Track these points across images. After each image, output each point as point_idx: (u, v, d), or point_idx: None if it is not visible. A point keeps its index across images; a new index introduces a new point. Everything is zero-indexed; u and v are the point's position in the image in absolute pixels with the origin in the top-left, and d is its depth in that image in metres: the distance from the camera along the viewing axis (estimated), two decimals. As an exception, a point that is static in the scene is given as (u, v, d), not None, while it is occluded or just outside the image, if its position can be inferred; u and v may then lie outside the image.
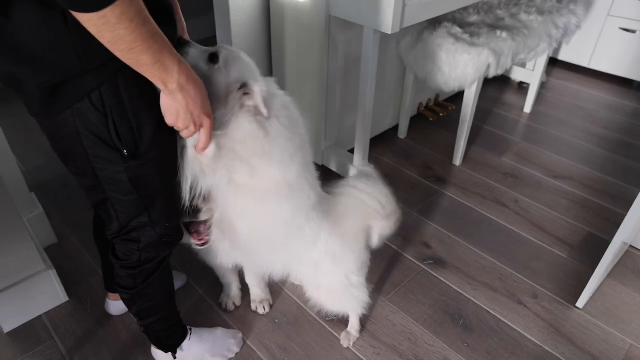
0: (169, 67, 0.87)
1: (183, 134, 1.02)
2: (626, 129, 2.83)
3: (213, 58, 1.11)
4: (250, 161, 1.14)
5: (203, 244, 1.33)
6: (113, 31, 0.76)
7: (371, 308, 1.71)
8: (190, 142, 1.10)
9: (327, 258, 1.39)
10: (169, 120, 0.98)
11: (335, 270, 1.41)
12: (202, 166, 1.13)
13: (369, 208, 1.37)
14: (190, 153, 1.11)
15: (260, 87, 1.10)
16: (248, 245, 1.29)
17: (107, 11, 0.73)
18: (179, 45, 1.10)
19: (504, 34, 2.25)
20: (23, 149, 2.47)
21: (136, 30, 0.77)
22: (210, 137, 1.04)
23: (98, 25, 0.75)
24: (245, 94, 1.11)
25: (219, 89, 1.10)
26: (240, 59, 1.15)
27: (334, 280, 1.44)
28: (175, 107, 0.95)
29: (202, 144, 1.05)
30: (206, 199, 1.21)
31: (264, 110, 1.10)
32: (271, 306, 1.73)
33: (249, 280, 1.70)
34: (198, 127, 1.01)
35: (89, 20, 0.74)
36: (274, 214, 1.22)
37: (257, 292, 1.72)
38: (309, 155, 1.27)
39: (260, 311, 1.71)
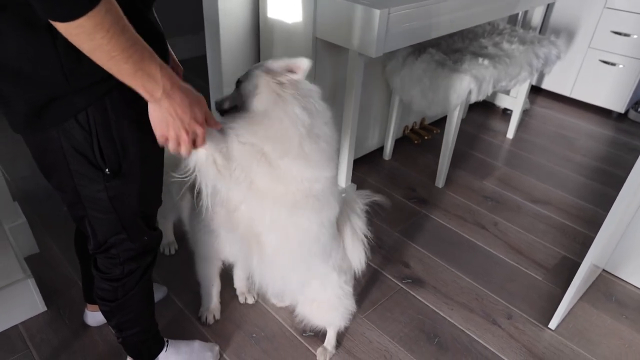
0: (151, 74, 0.86)
1: (178, 148, 0.99)
2: (604, 157, 2.90)
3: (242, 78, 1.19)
4: (277, 162, 1.11)
5: None
6: (91, 40, 0.76)
7: (348, 324, 1.72)
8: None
9: (334, 272, 1.41)
10: (160, 133, 0.96)
11: (336, 283, 1.43)
12: (218, 168, 1.10)
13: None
14: (201, 157, 1.08)
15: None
16: (274, 259, 1.27)
17: (82, 21, 0.73)
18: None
19: (486, 61, 2.32)
20: (11, 159, 2.49)
21: (113, 39, 0.77)
22: (204, 142, 1.03)
23: (75, 34, 0.75)
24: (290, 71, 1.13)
25: (260, 85, 1.14)
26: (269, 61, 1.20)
27: (331, 293, 1.45)
28: (163, 115, 0.93)
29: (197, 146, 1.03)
30: None
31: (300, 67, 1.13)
32: (258, 296, 1.80)
33: (236, 273, 1.74)
34: (191, 134, 0.98)
35: (65, 30, 0.75)
36: (302, 228, 1.21)
37: (245, 284, 1.77)
38: (336, 169, 1.26)
39: (250, 300, 1.78)
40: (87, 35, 0.75)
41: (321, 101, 1.16)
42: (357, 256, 1.44)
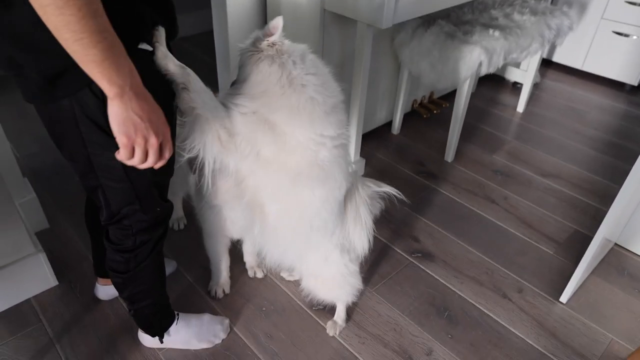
0: (120, 66, 0.80)
1: (144, 158, 0.91)
2: (616, 131, 2.85)
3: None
4: (275, 121, 1.13)
5: None
6: (59, 15, 0.71)
7: (358, 298, 1.72)
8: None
9: (336, 250, 1.41)
10: (123, 137, 0.86)
11: (339, 260, 1.43)
12: (223, 144, 1.12)
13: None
14: (209, 136, 1.11)
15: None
16: (275, 229, 1.30)
17: None
18: None
19: (497, 33, 2.28)
20: (19, 136, 2.48)
21: (83, 20, 0.72)
22: (172, 149, 0.96)
23: (44, 5, 0.71)
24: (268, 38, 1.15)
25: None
26: None
27: (335, 270, 1.46)
28: (129, 115, 0.85)
29: (164, 160, 0.96)
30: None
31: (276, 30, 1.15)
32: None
33: (245, 247, 1.76)
34: (160, 137, 0.91)
35: (35, 0, 0.71)
36: (304, 200, 1.22)
37: (254, 259, 1.80)
38: (345, 135, 1.24)
39: (259, 275, 1.80)
40: (56, 8, 0.70)
41: (306, 55, 1.19)
42: (359, 241, 1.43)
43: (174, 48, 1.11)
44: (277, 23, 1.15)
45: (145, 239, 1.22)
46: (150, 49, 0.98)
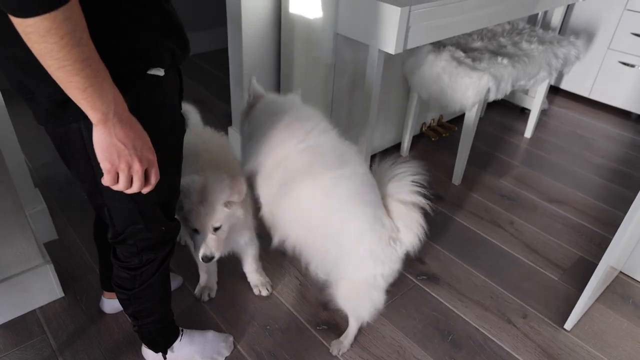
0: (103, 93, 0.81)
1: (128, 185, 0.92)
2: (622, 159, 2.87)
3: None
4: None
5: None
6: (42, 43, 0.72)
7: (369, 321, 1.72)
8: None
9: (370, 258, 1.39)
10: (107, 163, 0.88)
11: (372, 269, 1.41)
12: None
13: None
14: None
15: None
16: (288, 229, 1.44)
17: (36, 21, 0.69)
18: None
19: (505, 61, 2.31)
20: (32, 146, 2.52)
21: (65, 48, 0.73)
22: (158, 175, 0.97)
23: (28, 32, 0.71)
24: None
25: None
26: None
27: (363, 277, 1.43)
28: (113, 142, 0.86)
29: (151, 186, 0.98)
30: None
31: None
32: (272, 287, 1.84)
33: (245, 268, 1.79)
34: (144, 164, 0.92)
35: (19, 25, 0.71)
36: (304, 196, 1.37)
37: (256, 277, 1.81)
38: (321, 118, 1.49)
39: (264, 293, 1.82)
40: (39, 36, 0.71)
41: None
42: (410, 230, 1.51)
43: (188, 64, 1.13)
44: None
45: (151, 257, 1.23)
46: (160, 74, 0.99)
